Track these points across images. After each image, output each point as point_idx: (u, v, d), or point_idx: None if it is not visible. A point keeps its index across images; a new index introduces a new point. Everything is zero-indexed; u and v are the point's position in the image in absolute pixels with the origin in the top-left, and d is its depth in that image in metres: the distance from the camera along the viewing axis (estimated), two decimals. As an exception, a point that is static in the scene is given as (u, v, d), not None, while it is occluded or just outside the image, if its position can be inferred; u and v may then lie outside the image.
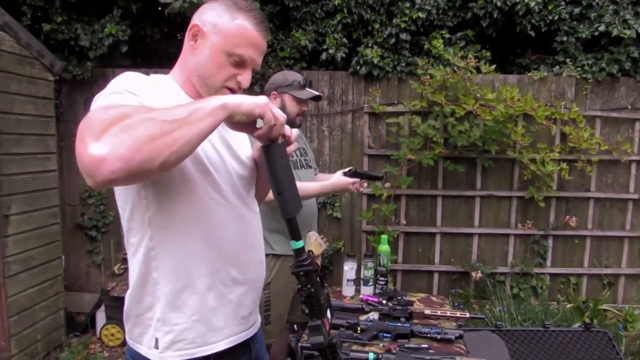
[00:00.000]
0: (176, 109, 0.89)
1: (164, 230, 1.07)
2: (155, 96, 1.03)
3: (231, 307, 1.16)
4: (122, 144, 0.79)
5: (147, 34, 4.15)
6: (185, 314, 1.10)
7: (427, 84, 3.70)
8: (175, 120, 0.85)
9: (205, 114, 0.90)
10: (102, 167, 0.79)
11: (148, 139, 0.81)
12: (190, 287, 1.10)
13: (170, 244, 1.08)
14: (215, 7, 1.13)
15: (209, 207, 1.11)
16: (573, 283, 4.00)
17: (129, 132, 0.81)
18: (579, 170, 3.79)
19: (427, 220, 4.05)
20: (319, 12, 4.10)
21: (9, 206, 2.93)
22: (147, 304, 1.11)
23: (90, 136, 0.81)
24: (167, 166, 0.86)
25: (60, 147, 3.79)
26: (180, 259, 1.09)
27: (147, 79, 1.10)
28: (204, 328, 1.12)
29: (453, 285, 4.06)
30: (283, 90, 2.26)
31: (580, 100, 3.89)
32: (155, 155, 0.82)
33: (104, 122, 0.83)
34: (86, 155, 0.80)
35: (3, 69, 2.87)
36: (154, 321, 1.10)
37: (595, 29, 3.87)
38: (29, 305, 3.12)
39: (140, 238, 1.08)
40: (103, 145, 0.79)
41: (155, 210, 1.06)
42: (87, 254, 4.12)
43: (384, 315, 1.94)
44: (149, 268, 1.09)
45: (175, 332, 1.10)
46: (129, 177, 0.82)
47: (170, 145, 0.84)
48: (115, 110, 0.86)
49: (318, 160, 3.97)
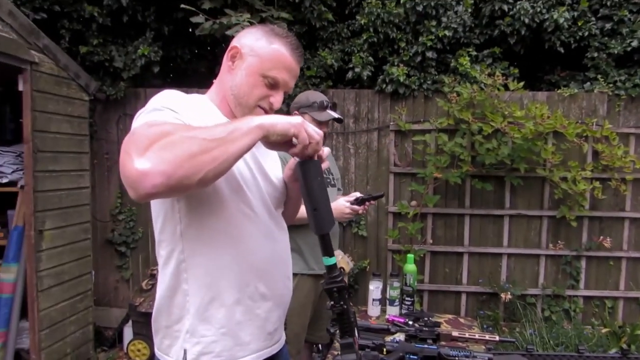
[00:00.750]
0: (215, 128, 0.94)
1: (195, 243, 1.10)
2: (193, 114, 1.07)
3: (258, 322, 1.17)
4: (164, 160, 0.84)
5: (178, 54, 4.28)
6: (214, 327, 1.11)
7: (453, 101, 3.68)
8: (215, 139, 0.90)
9: (242, 134, 0.94)
10: (145, 181, 0.83)
11: (188, 156, 0.86)
12: (219, 300, 1.12)
13: (201, 257, 1.10)
14: (253, 31, 1.21)
15: (240, 222, 1.13)
16: (609, 307, 3.85)
17: (170, 149, 0.85)
18: (613, 189, 3.68)
19: (455, 240, 3.98)
20: (345, 31, 4.15)
21: (43, 221, 3.02)
22: (176, 316, 1.13)
23: (135, 151, 0.85)
24: (205, 182, 0.91)
25: (93, 164, 3.91)
26: (211, 272, 1.11)
27: (186, 97, 1.14)
28: (231, 342, 1.13)
29: (481, 307, 3.96)
30: (304, 110, 2.29)
31: (612, 117, 3.79)
32: (195, 172, 0.86)
33: (147, 139, 0.88)
34: (131, 168, 0.84)
35: (42, 89, 2.99)
36: (183, 333, 1.12)
37: (628, 44, 3.80)
38: (59, 319, 3.18)
39: (171, 250, 1.11)
40: (147, 161, 0.84)
41: (188, 224, 1.09)
42: (116, 269, 4.20)
43: (410, 337, 1.90)
44: (179, 280, 1.11)
45: (203, 343, 1.11)
46: (169, 191, 0.87)
47: (209, 163, 0.88)
48: (158, 128, 0.91)
49: (344, 178, 3.97)
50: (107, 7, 3.79)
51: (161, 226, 1.13)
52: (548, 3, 3.83)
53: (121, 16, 3.88)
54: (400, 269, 3.21)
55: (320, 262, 2.31)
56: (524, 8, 3.78)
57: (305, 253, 2.28)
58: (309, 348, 2.50)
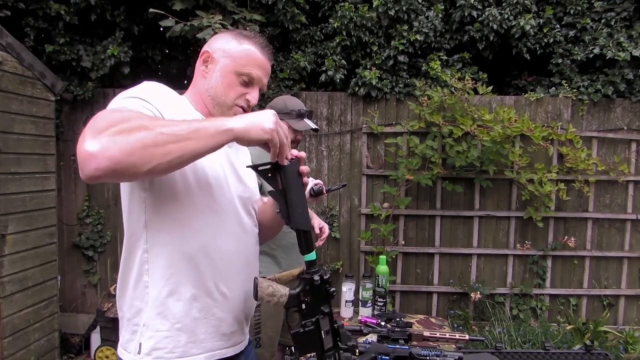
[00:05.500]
0: (181, 123, 0.94)
1: (158, 234, 1.10)
2: (166, 105, 1.08)
3: (214, 322, 1.17)
4: (115, 145, 0.84)
5: (149, 55, 4.21)
6: (169, 321, 1.11)
7: (425, 105, 3.75)
8: (173, 134, 0.90)
9: (207, 135, 0.94)
10: (90, 162, 0.84)
11: (141, 145, 0.86)
12: (177, 294, 1.11)
13: (162, 248, 1.10)
14: (223, 36, 1.25)
15: (206, 217, 1.13)
16: (573, 304, 3.97)
17: (125, 136, 0.85)
18: (577, 191, 3.80)
19: (426, 241, 4.04)
20: (318, 34, 4.16)
21: (6, 225, 2.92)
22: (136, 309, 1.12)
23: (90, 133, 0.86)
24: (153, 174, 0.92)
25: (59, 166, 3.80)
26: (171, 264, 1.10)
27: (166, 91, 1.15)
28: (185, 337, 1.12)
29: (452, 306, 4.03)
30: (281, 117, 2.28)
31: (576, 121, 3.93)
32: (144, 162, 0.86)
33: (106, 121, 0.88)
34: (81, 148, 0.85)
35: (5, 89, 2.90)
36: (140, 326, 1.11)
37: (590, 51, 3.94)
38: (23, 326, 3.08)
39: (136, 240, 1.11)
40: (97, 143, 0.84)
41: (153, 214, 1.09)
42: (83, 274, 4.09)
43: (382, 337, 1.92)
44: (141, 271, 1.11)
45: (156, 338, 1.10)
46: (114, 176, 0.87)
47: (160, 156, 0.88)
48: (119, 114, 0.92)
49: (317, 179, 3.97)
50: (75, 5, 3.70)
51: (127, 215, 1.13)
52: (515, 10, 3.94)
53: (89, 15, 3.79)
54: (373, 270, 3.23)
55: (293, 264, 2.33)
56: (493, 15, 3.88)
57: (278, 256, 2.27)
58: (281, 351, 2.49)
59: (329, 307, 1.15)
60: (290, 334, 1.13)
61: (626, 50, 3.81)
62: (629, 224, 3.95)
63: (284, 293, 1.13)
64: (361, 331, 1.97)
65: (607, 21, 4.02)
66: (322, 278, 1.13)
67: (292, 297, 1.12)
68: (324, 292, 1.13)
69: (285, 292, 1.13)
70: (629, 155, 3.92)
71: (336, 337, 1.16)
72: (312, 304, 1.12)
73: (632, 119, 3.94)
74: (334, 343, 1.15)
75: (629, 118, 3.94)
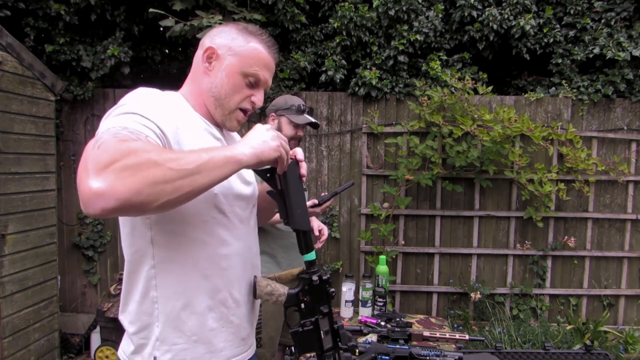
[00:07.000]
0: (188, 155, 0.89)
1: (166, 250, 1.07)
2: (167, 119, 1.02)
3: (232, 329, 1.16)
4: (123, 184, 0.78)
5: (149, 55, 4.21)
6: (185, 335, 1.09)
7: (425, 105, 3.75)
8: (182, 169, 0.85)
9: (215, 166, 0.91)
10: (96, 202, 0.78)
11: (149, 183, 0.81)
12: (190, 307, 1.09)
13: (171, 264, 1.07)
14: (227, 30, 1.18)
15: (212, 228, 1.11)
16: (573, 304, 3.97)
17: (132, 173, 0.79)
18: (577, 191, 3.81)
19: (426, 241, 4.04)
20: (318, 34, 4.16)
21: (6, 225, 2.92)
22: (144, 323, 1.09)
23: (93, 167, 0.79)
24: (162, 210, 0.86)
25: (59, 166, 3.80)
26: (182, 279, 1.08)
27: (160, 98, 1.08)
28: (203, 349, 1.11)
29: (452, 306, 4.03)
30: (281, 112, 2.30)
31: (576, 121, 3.93)
32: (153, 200, 0.82)
33: (109, 155, 0.80)
34: (85, 186, 0.78)
35: (5, 89, 2.90)
36: (152, 340, 1.09)
37: (590, 51, 3.94)
38: (23, 327, 3.08)
39: (141, 255, 1.08)
40: (103, 182, 0.77)
41: (159, 230, 1.06)
42: (83, 274, 4.09)
43: (382, 337, 1.92)
44: (148, 286, 1.08)
45: (174, 351, 1.09)
46: (122, 212, 0.82)
47: (170, 193, 0.84)
48: (124, 145, 0.83)
49: (317, 180, 3.98)
50: (75, 5, 3.70)
51: (130, 230, 1.08)
52: (515, 10, 3.94)
53: (89, 15, 3.79)
54: (373, 270, 3.23)
55: (293, 264, 2.33)
56: (493, 15, 3.88)
57: (278, 256, 2.28)
58: (281, 350, 2.49)
59: (328, 307, 1.15)
60: (290, 332, 1.13)
61: (626, 50, 3.81)
62: (629, 224, 3.95)
63: (282, 292, 1.13)
64: (361, 331, 1.97)
65: (607, 21, 4.02)
66: (321, 278, 1.13)
67: (291, 296, 1.12)
68: (324, 292, 1.13)
69: (284, 291, 1.13)
70: (629, 155, 3.92)
71: (336, 337, 1.16)
72: (311, 304, 1.12)
73: (632, 119, 3.94)
74: (333, 343, 1.15)
75: (629, 118, 3.94)
